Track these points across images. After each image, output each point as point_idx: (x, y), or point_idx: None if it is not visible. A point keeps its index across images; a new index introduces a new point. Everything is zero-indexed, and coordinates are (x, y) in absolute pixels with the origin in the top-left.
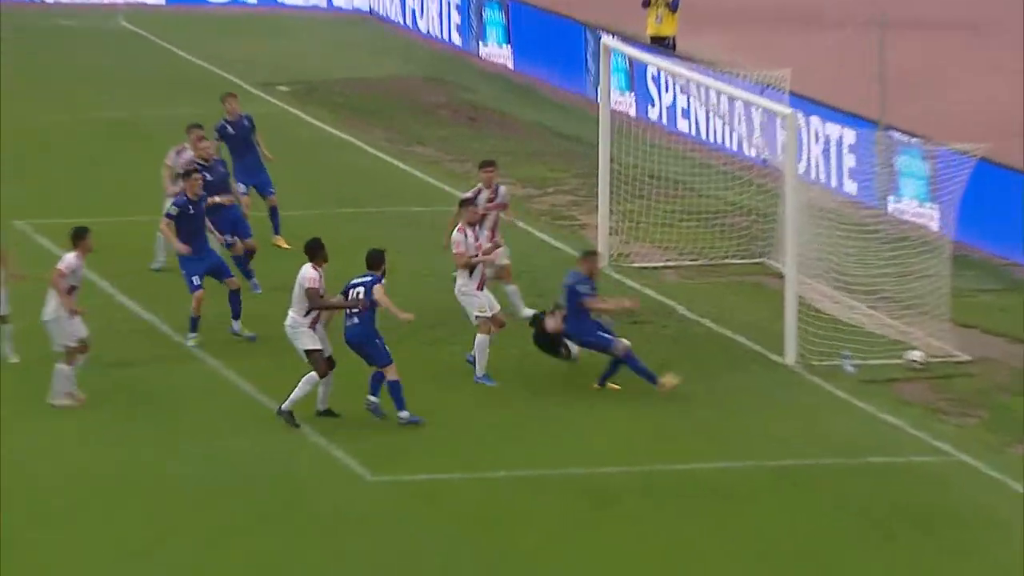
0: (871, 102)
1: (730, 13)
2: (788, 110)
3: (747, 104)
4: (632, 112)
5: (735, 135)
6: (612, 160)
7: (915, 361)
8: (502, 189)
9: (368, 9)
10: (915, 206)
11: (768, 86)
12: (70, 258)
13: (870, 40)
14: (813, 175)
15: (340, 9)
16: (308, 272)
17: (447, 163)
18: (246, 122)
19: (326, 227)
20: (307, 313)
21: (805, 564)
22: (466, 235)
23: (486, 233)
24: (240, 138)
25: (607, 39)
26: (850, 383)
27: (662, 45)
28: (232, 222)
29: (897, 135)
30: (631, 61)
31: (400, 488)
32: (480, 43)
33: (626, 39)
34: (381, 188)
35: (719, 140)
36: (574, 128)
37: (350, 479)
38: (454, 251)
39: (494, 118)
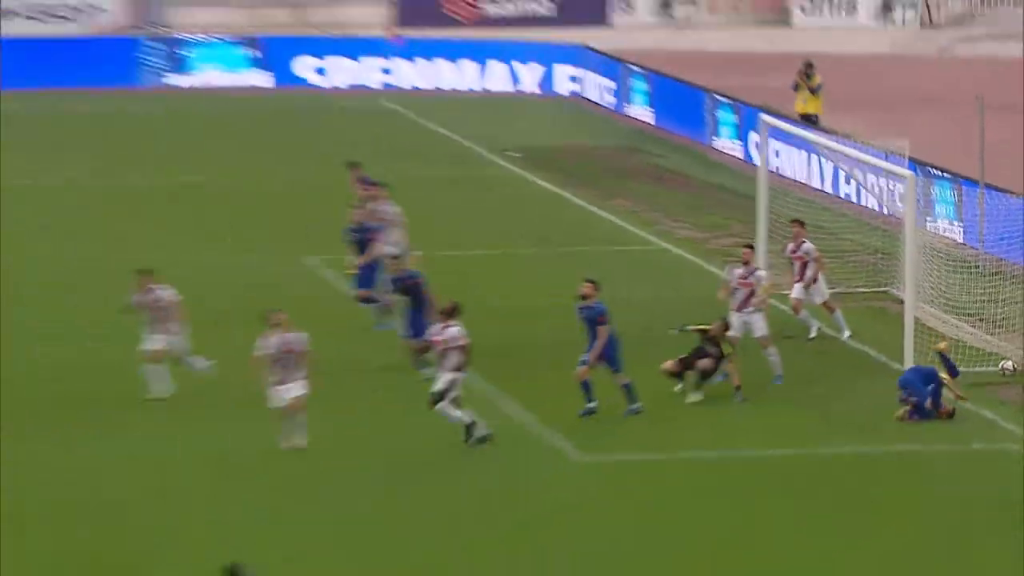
0: (973, 166)
1: (864, 96)
2: (908, 172)
3: (874, 167)
4: (784, 172)
5: (865, 191)
6: (768, 211)
7: (1007, 369)
8: (806, 245)
9: (577, 93)
10: (1004, 247)
11: (891, 153)
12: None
13: (973, 118)
14: (931, 225)
15: (556, 93)
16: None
17: (641, 213)
18: None
19: (548, 263)
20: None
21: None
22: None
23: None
24: None
25: (765, 116)
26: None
27: (808, 121)
28: None
29: (993, 192)
30: (785, 132)
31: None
32: (667, 122)
33: (779, 115)
34: (587, 231)
35: (852, 195)
36: (739, 186)
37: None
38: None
39: (677, 179)
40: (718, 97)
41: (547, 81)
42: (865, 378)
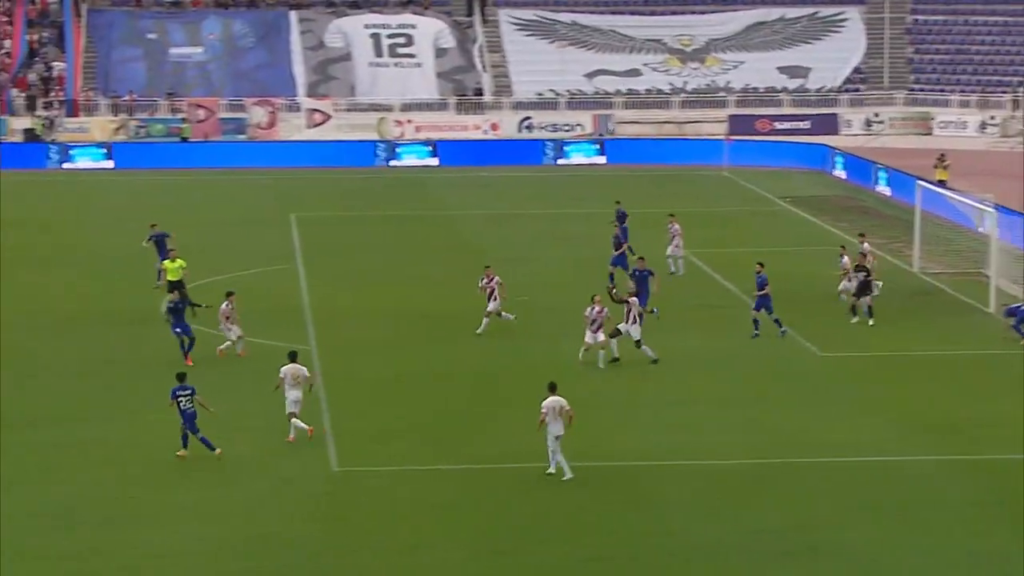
0: None
1: (970, 171)
2: (991, 209)
3: (972, 208)
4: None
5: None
6: (920, 230)
7: None
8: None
9: (824, 171)
10: None
11: (984, 199)
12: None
13: None
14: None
15: (813, 171)
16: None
17: (853, 229)
18: None
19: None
20: None
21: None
22: None
23: None
24: None
25: (920, 182)
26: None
27: (942, 184)
28: None
29: None
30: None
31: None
32: (867, 183)
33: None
34: (825, 239)
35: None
36: (906, 216)
37: (808, 355)
38: None
39: (873, 212)
40: (893, 171)
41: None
42: (967, 315)
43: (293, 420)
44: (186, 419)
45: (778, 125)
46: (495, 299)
